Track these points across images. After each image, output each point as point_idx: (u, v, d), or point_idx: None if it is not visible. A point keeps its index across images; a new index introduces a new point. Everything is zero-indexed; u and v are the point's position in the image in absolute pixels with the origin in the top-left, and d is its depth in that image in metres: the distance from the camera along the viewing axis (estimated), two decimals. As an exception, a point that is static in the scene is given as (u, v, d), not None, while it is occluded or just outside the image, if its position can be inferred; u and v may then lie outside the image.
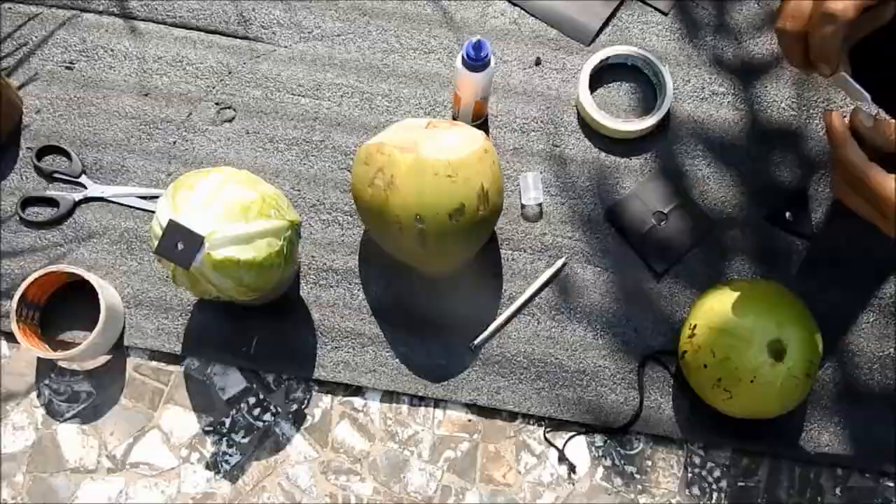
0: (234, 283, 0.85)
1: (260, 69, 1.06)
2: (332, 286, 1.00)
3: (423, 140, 0.88)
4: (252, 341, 0.98)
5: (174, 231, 0.81)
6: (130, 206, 1.01)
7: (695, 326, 0.90)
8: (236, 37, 1.07)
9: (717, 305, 0.89)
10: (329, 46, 1.07)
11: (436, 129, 0.89)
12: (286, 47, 1.07)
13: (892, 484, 0.95)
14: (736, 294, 0.89)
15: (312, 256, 1.01)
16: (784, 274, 1.01)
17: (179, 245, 0.81)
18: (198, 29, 1.07)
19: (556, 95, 1.06)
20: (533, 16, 1.09)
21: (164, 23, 1.07)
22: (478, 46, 0.90)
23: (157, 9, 1.07)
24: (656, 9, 1.09)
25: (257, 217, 0.84)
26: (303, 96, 1.06)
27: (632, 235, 1.01)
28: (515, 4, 1.09)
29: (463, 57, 0.92)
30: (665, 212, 1.02)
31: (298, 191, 1.03)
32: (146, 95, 1.05)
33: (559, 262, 1.00)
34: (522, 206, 1.03)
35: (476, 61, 0.91)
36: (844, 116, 0.80)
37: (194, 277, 0.84)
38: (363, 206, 0.91)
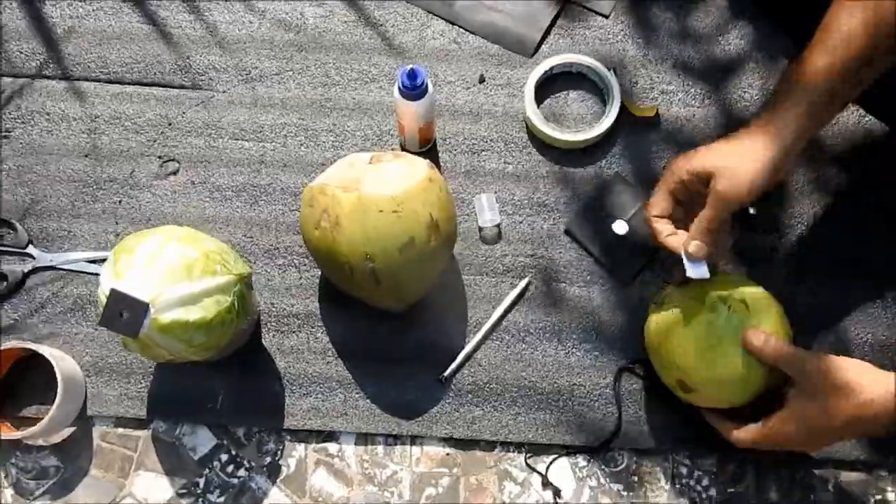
0: (185, 344, 0.82)
1: (200, 117, 1.04)
2: (294, 331, 0.98)
3: (366, 176, 0.85)
4: (218, 397, 0.95)
5: (117, 300, 0.79)
6: (81, 272, 0.99)
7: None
8: (173, 86, 1.05)
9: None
10: (268, 86, 1.05)
11: (379, 164, 0.87)
12: (224, 91, 1.05)
13: (885, 473, 0.93)
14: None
15: (271, 303, 0.99)
16: (756, 273, 0.98)
17: (124, 313, 0.79)
18: (133, 83, 1.05)
19: (503, 112, 1.04)
20: (473, 33, 1.07)
21: (99, 80, 1.05)
22: (412, 74, 0.88)
23: (90, 66, 1.05)
24: (597, 12, 1.07)
25: (202, 275, 0.82)
26: (246, 140, 1.03)
27: (594, 247, 0.99)
28: (453, 24, 1.07)
29: (399, 87, 0.90)
30: (626, 219, 1.00)
31: (251, 237, 1.00)
32: (87, 156, 1.03)
33: (523, 283, 0.98)
34: (480, 229, 1.00)
35: (412, 90, 0.89)
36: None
37: (144, 344, 0.81)
38: (312, 249, 0.89)
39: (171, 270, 0.81)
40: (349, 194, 0.84)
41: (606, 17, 1.07)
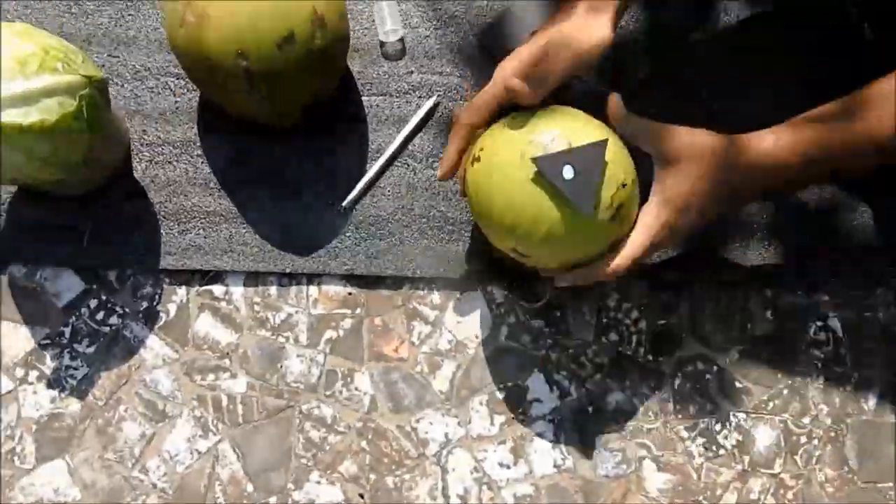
0: (26, 156, 0.70)
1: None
2: (170, 161, 0.85)
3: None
4: (84, 234, 0.83)
5: (-70, 96, 0.65)
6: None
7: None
8: None
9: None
10: None
11: None
12: None
13: (827, 297, 0.85)
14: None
15: (143, 131, 0.86)
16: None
17: (-59, 113, 0.66)
18: None
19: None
20: None
21: None
22: None
23: None
24: None
25: (39, 71, 0.69)
26: (109, -54, 0.89)
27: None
28: None
29: None
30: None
31: (116, 57, 0.87)
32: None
33: (430, 102, 0.87)
34: (381, 44, 0.88)
35: None
36: None
37: (-26, 155, 0.69)
38: (181, 55, 0.76)
39: (2, 65, 0.68)
40: (216, -23, 0.71)
41: None
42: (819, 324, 0.85)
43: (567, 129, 0.69)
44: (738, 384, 0.83)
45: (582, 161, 0.67)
